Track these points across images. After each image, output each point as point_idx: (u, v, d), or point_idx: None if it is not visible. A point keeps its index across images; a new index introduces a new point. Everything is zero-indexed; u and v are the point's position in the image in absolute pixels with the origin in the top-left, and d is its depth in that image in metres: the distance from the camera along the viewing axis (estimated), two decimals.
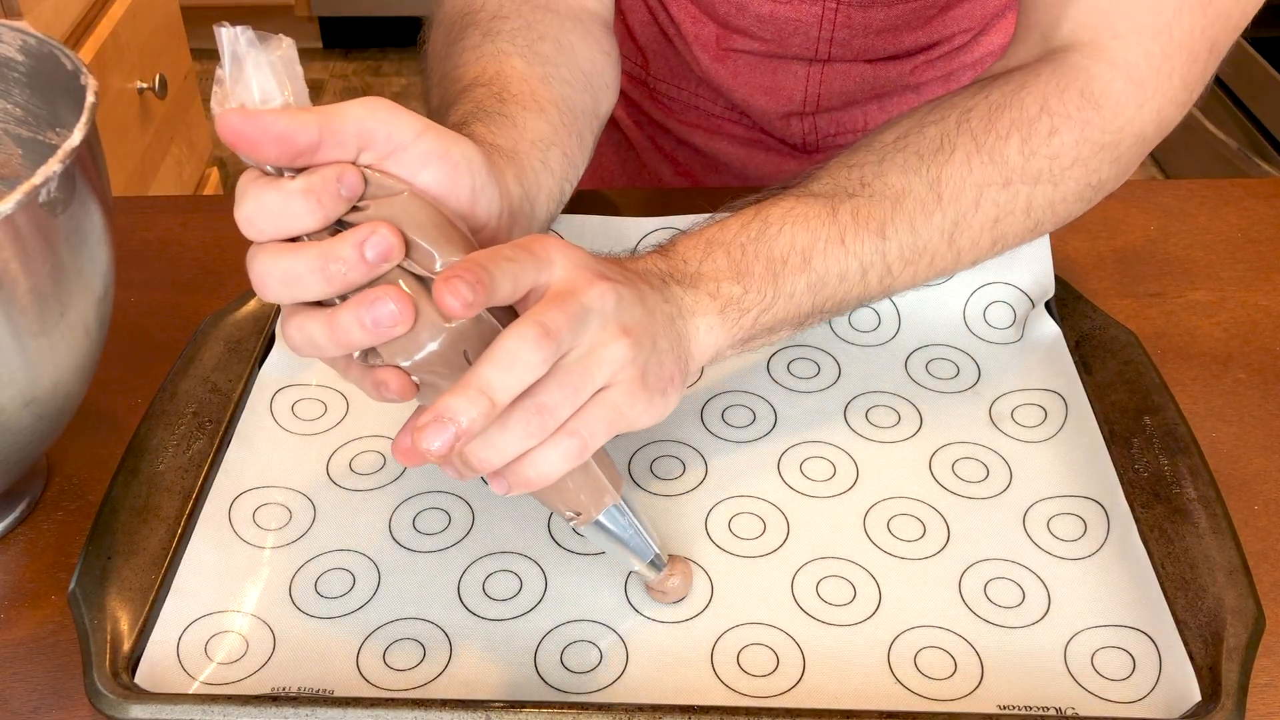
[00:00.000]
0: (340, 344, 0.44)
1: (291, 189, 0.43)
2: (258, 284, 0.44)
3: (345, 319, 0.44)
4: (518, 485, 0.47)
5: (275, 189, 0.43)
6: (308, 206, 0.43)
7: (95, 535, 0.54)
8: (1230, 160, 2.18)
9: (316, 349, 0.45)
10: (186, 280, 0.74)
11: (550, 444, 0.46)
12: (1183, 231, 0.77)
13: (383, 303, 0.43)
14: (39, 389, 0.51)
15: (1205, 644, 0.50)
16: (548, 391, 0.45)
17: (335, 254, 0.43)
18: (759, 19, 0.80)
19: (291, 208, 0.43)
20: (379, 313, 0.43)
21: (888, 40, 0.81)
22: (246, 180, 0.44)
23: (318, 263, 0.43)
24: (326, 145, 0.43)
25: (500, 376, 0.43)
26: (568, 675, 0.51)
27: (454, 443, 0.43)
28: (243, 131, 0.42)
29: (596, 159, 0.97)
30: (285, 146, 0.42)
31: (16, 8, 1.35)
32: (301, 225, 0.43)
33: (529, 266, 0.46)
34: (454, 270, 0.42)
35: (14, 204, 0.46)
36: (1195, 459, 0.57)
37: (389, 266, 0.44)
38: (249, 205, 0.43)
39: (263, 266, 0.44)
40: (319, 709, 0.47)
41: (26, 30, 0.56)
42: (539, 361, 0.44)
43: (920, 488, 0.60)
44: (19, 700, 0.51)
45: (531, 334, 0.44)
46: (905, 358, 0.67)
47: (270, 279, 0.44)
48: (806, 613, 0.54)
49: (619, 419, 0.47)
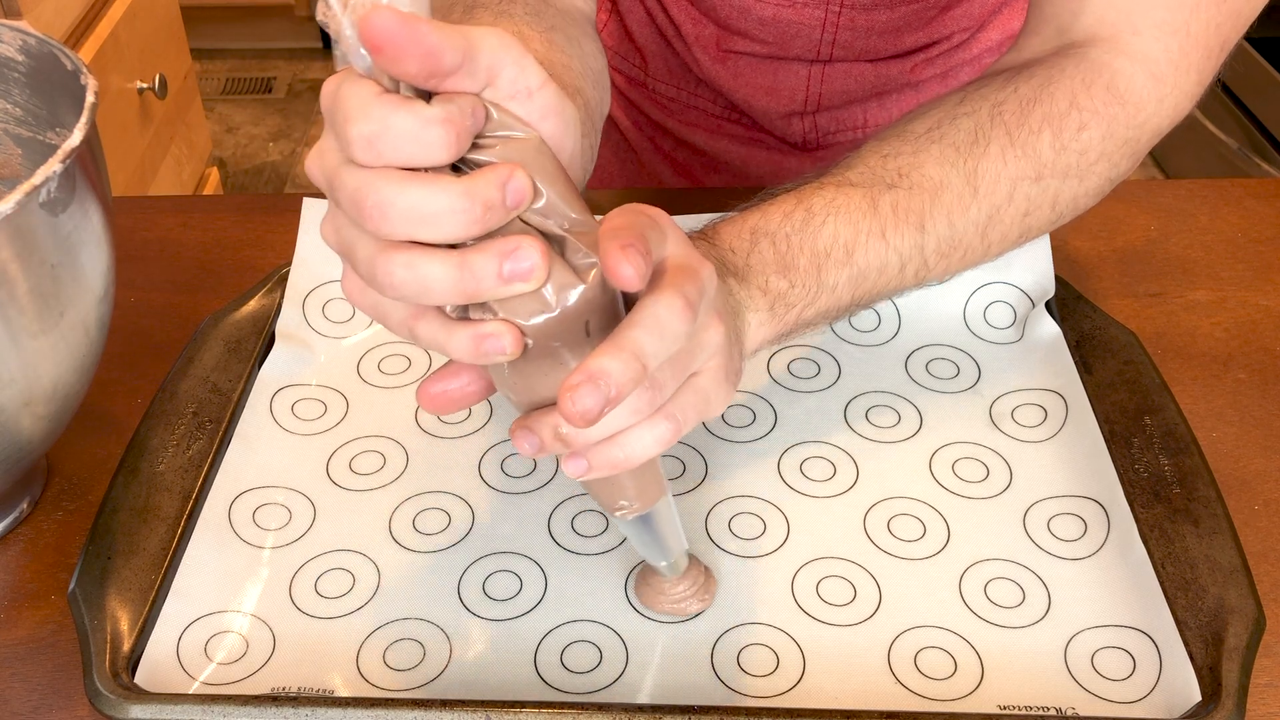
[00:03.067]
0: (464, 290, 0.40)
1: (430, 115, 0.38)
2: (372, 212, 0.38)
3: (480, 262, 0.39)
4: (602, 466, 0.44)
5: (409, 111, 0.38)
6: (445, 138, 0.38)
7: (95, 535, 0.54)
8: (1230, 160, 2.18)
9: (424, 294, 0.40)
10: (186, 280, 0.74)
11: (646, 425, 0.44)
12: (1183, 231, 0.77)
13: (526, 253, 0.39)
14: (39, 389, 0.51)
15: (1205, 644, 0.50)
16: (661, 369, 0.43)
17: (480, 193, 0.38)
18: (761, 22, 0.80)
19: (427, 136, 0.38)
20: (520, 264, 0.39)
21: (889, 40, 0.81)
22: (364, 94, 0.38)
23: (461, 200, 0.38)
24: (464, 71, 0.39)
25: (653, 343, 0.41)
26: (568, 675, 0.51)
27: (604, 406, 0.40)
28: (395, 37, 0.36)
29: (596, 160, 0.97)
30: (431, 63, 0.37)
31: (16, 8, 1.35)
32: (431, 157, 0.38)
33: (658, 238, 0.43)
34: (624, 239, 0.39)
35: (14, 204, 0.46)
36: (1195, 459, 0.57)
37: (518, 213, 0.40)
38: (371, 124, 0.38)
39: (387, 195, 0.38)
40: (319, 709, 0.47)
41: (26, 30, 0.56)
42: (683, 334, 0.42)
43: (920, 488, 0.60)
44: (19, 700, 0.51)
45: (678, 304, 0.41)
46: (905, 358, 0.67)
47: (393, 210, 0.38)
48: (806, 613, 0.54)
49: (705, 406, 0.46)
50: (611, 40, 0.93)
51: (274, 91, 2.92)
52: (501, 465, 0.61)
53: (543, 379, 0.43)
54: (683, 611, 0.53)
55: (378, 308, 0.43)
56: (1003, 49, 0.86)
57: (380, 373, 0.67)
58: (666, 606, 0.53)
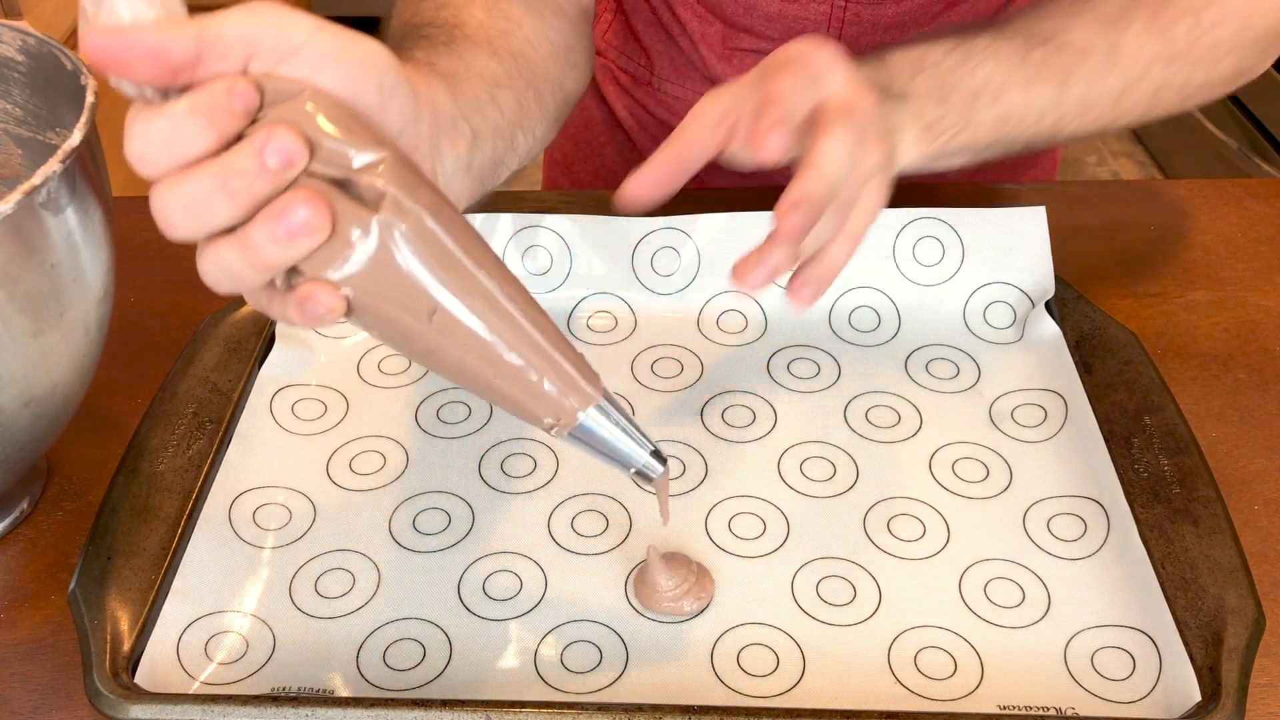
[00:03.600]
0: (258, 266, 0.40)
1: (177, 111, 0.38)
2: (163, 222, 0.39)
3: (257, 235, 0.39)
4: (815, 281, 0.53)
5: (161, 115, 0.38)
6: (199, 127, 0.38)
7: (95, 535, 0.54)
8: (1230, 160, 2.18)
9: (237, 280, 0.41)
10: (186, 280, 0.73)
11: (840, 239, 0.53)
12: (1183, 231, 0.77)
13: (293, 209, 0.39)
14: (39, 389, 0.51)
15: (1205, 644, 0.50)
16: (843, 188, 0.51)
17: (233, 167, 0.38)
18: (767, 18, 0.80)
19: (182, 132, 0.38)
20: (292, 221, 0.39)
21: (895, 36, 0.82)
22: (132, 114, 0.39)
23: (216, 180, 0.38)
24: (208, 58, 0.39)
25: (833, 169, 0.50)
26: (568, 675, 0.51)
27: (810, 221, 0.49)
28: (109, 49, 0.37)
29: (600, 160, 0.97)
30: (160, 63, 0.38)
31: (16, 8, 1.35)
32: (197, 149, 0.39)
33: (808, 90, 0.51)
34: (767, 120, 0.49)
35: (14, 204, 0.46)
36: (1195, 459, 0.57)
37: (295, 172, 0.39)
38: (137, 140, 0.39)
39: (163, 200, 0.39)
40: (319, 709, 0.47)
41: (26, 30, 0.56)
42: (852, 161, 0.51)
43: (920, 488, 0.60)
44: (19, 700, 0.51)
45: (847, 139, 0.50)
46: (905, 357, 0.67)
47: (173, 212, 0.39)
48: (806, 613, 0.54)
49: (870, 217, 0.54)
50: (616, 40, 0.93)
51: None
52: (501, 465, 0.61)
53: (389, 322, 0.42)
54: (679, 610, 0.53)
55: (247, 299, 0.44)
56: None
57: (380, 373, 0.67)
58: (662, 605, 0.53)
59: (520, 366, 0.43)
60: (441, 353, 0.43)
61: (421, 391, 0.65)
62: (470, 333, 0.42)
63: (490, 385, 0.44)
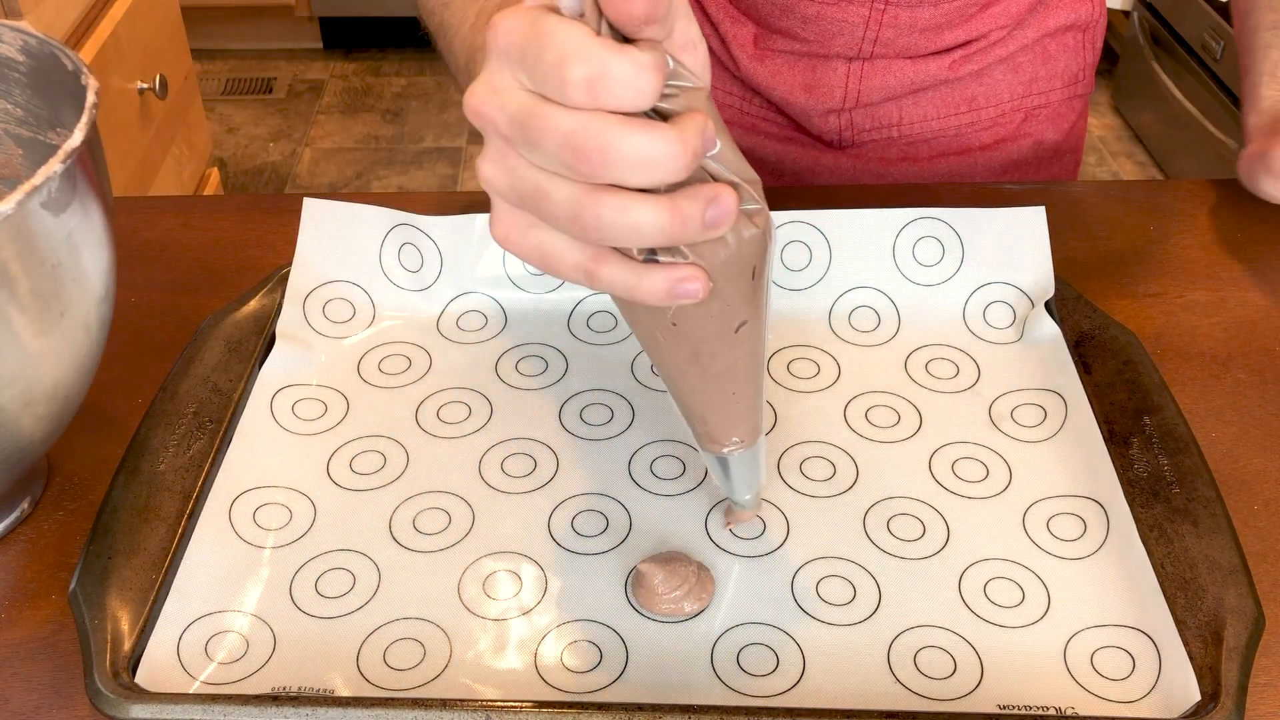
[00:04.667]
0: (672, 234, 0.40)
1: (644, 61, 0.37)
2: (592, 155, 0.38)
3: (690, 209, 0.39)
4: None
5: (626, 57, 0.37)
6: (654, 85, 0.38)
7: (95, 535, 0.55)
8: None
9: (630, 235, 0.40)
10: (186, 280, 0.74)
11: None
12: (1183, 231, 0.77)
13: (726, 199, 0.40)
14: (39, 389, 0.52)
15: (1205, 644, 0.50)
16: None
17: (690, 141, 0.38)
18: (804, 20, 0.81)
19: (640, 83, 0.37)
20: (721, 209, 0.40)
21: (929, 38, 0.83)
22: (579, 36, 0.37)
23: (676, 149, 0.38)
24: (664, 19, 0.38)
25: None
26: (568, 675, 0.51)
27: None
28: None
29: None
30: (655, 7, 0.37)
31: (16, 8, 1.35)
32: (640, 103, 0.38)
33: None
34: None
35: (14, 204, 0.46)
36: (1195, 459, 0.58)
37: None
38: (591, 67, 0.37)
39: (609, 139, 0.38)
40: (319, 709, 0.47)
41: (27, 30, 0.56)
42: None
43: (920, 488, 0.60)
44: (19, 700, 0.51)
45: None
46: (905, 358, 0.67)
47: (615, 154, 0.38)
48: (806, 612, 0.54)
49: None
50: None
51: (274, 92, 2.92)
52: (501, 465, 0.61)
53: (706, 320, 0.44)
54: (679, 611, 0.53)
55: (542, 249, 0.43)
56: (1040, 46, 0.87)
57: (380, 373, 0.67)
58: (662, 607, 0.53)
59: (758, 388, 0.49)
60: (715, 360, 0.46)
61: (421, 391, 0.65)
62: (755, 350, 0.47)
63: (725, 397, 0.48)
